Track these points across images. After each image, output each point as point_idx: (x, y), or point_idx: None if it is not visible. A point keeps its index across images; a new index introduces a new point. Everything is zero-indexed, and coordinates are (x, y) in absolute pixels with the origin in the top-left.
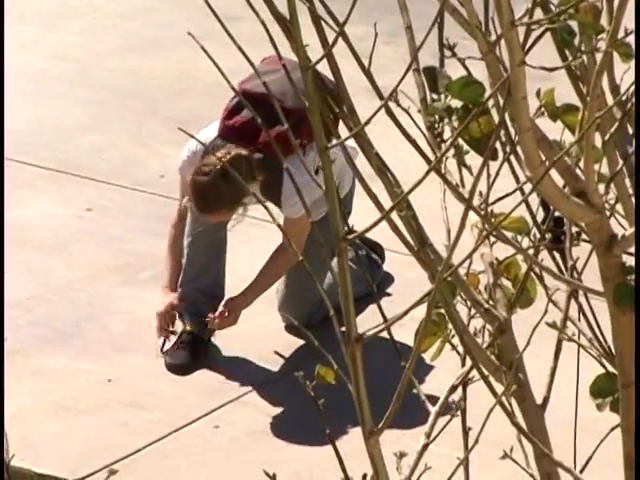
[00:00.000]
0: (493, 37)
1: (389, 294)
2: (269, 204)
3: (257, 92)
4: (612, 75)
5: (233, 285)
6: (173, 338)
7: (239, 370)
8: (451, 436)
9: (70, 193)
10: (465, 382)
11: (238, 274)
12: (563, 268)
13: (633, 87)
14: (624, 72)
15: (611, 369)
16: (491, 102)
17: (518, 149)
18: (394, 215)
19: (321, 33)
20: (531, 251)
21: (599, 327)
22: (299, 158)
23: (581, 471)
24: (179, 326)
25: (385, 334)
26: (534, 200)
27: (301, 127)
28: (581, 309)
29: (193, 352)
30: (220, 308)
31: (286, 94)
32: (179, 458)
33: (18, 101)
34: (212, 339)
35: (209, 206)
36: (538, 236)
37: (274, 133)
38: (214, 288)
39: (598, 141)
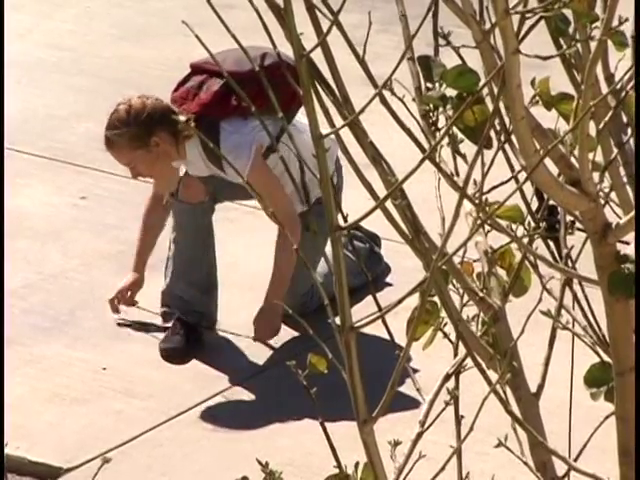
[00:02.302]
0: (487, 25)
1: (388, 284)
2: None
3: (201, 63)
4: (606, 63)
5: (229, 275)
6: (123, 316)
7: (233, 359)
8: (445, 424)
9: (65, 181)
10: (459, 370)
11: (234, 264)
12: (557, 256)
13: (627, 75)
14: (618, 60)
15: (605, 357)
16: (485, 91)
17: (512, 138)
18: (388, 204)
19: (315, 21)
20: (525, 239)
21: (593, 315)
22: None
23: (575, 459)
24: (132, 312)
25: (380, 323)
26: (529, 189)
27: (244, 89)
28: (575, 297)
29: (186, 339)
30: (259, 324)
31: (226, 60)
32: (173, 446)
33: (13, 89)
34: (204, 331)
35: (108, 138)
36: (533, 225)
37: (210, 92)
38: (207, 281)
39: (592, 130)
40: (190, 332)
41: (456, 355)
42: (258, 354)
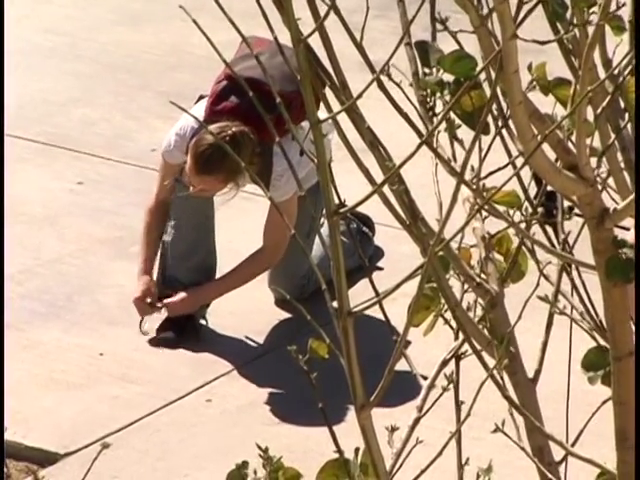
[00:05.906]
0: (485, 10)
1: (380, 268)
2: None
3: (245, 77)
4: (604, 48)
5: (226, 259)
6: (156, 315)
7: (231, 344)
8: (443, 410)
9: (61, 167)
10: (457, 356)
11: (231, 248)
12: (555, 242)
13: (625, 60)
14: (616, 45)
15: (602, 342)
16: (483, 76)
17: (510, 123)
18: (386, 189)
19: (313, 6)
20: (523, 225)
21: (590, 300)
22: (294, 137)
23: (573, 444)
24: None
25: (377, 308)
26: (526, 174)
27: (289, 111)
28: (573, 283)
29: (182, 326)
30: (180, 294)
31: (274, 77)
32: (171, 432)
33: (9, 75)
34: (202, 320)
35: (211, 166)
36: (530, 210)
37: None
38: (206, 265)
39: (590, 115)
40: (184, 321)
41: (457, 340)
42: (256, 339)
